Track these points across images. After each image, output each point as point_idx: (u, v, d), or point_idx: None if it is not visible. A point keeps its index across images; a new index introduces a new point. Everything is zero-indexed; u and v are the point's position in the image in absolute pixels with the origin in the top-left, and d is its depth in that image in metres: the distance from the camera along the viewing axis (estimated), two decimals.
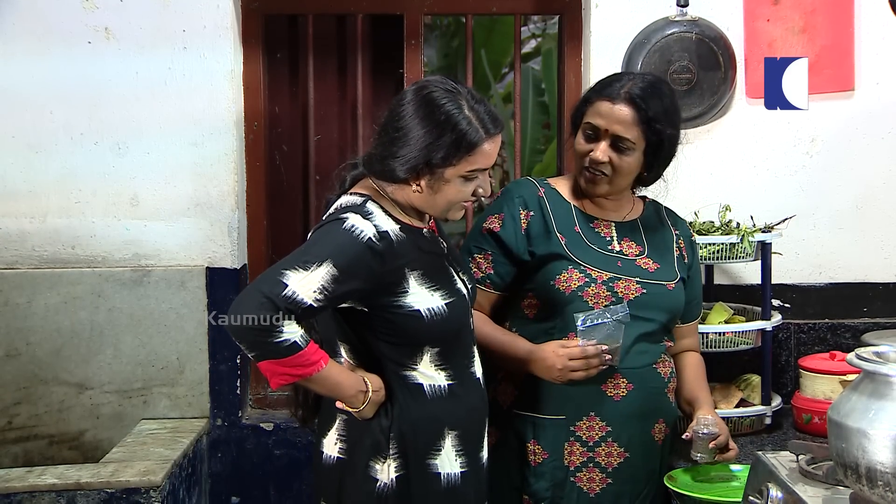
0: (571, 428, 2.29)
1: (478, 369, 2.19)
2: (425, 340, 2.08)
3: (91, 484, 2.56)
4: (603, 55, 3.11)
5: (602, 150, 2.28)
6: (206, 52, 3.07)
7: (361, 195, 2.09)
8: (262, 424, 3.16)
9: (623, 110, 2.27)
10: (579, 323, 2.23)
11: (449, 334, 2.11)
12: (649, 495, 2.35)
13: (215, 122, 3.09)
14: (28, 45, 3.05)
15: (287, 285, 1.93)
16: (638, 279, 2.32)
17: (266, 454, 3.16)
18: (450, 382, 2.11)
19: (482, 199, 2.16)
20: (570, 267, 2.29)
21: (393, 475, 2.08)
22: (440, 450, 2.11)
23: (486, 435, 2.22)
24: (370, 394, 2.05)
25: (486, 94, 5.95)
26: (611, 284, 2.29)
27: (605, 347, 2.21)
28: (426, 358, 2.09)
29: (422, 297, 2.06)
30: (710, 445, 2.26)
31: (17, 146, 3.08)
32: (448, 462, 2.11)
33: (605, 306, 2.26)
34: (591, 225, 2.37)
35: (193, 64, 3.07)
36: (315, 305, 1.95)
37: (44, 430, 3.10)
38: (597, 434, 2.29)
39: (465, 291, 2.17)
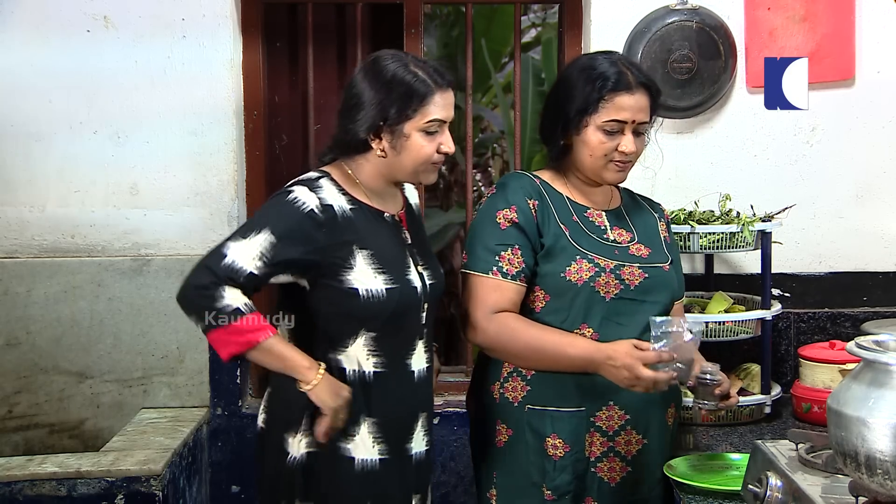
0: (591, 419, 2.27)
1: (416, 363, 2.19)
2: (360, 321, 2.11)
3: (91, 472, 2.57)
4: (603, 44, 3.09)
5: (633, 142, 2.28)
6: (206, 41, 3.07)
7: (322, 172, 2.17)
8: None
9: (643, 98, 2.28)
10: (654, 327, 2.12)
11: (384, 320, 2.12)
12: (663, 480, 2.35)
13: (215, 111, 3.09)
14: (27, 33, 3.05)
15: (226, 255, 2.02)
16: (638, 264, 2.32)
17: None
18: (377, 370, 2.13)
19: (445, 167, 2.21)
20: (577, 257, 2.27)
21: (304, 450, 2.12)
22: (354, 435, 2.13)
23: (418, 428, 2.21)
24: (321, 369, 2.06)
25: (485, 83, 5.92)
26: (618, 272, 2.28)
27: (677, 356, 2.12)
28: (360, 341, 2.12)
29: (364, 277, 2.09)
30: (716, 392, 2.22)
31: (16, 135, 3.08)
32: (363, 447, 2.14)
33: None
34: (586, 215, 2.36)
35: (193, 52, 3.07)
36: (256, 272, 2.03)
37: (44, 419, 3.10)
38: (616, 423, 2.28)
39: (417, 284, 2.16)
